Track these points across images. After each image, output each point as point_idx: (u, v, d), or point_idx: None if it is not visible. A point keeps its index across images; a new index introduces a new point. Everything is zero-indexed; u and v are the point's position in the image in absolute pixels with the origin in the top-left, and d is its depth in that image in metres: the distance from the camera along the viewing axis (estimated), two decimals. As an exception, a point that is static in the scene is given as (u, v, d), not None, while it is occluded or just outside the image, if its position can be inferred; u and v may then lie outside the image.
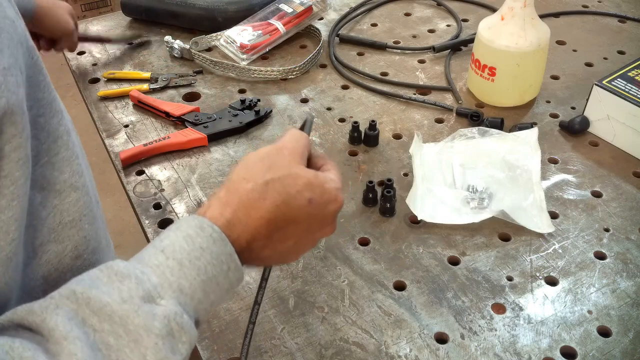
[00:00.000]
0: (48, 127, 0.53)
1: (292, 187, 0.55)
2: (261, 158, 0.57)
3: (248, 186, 0.54)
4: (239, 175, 0.56)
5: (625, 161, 0.95)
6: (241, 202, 0.54)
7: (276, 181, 0.55)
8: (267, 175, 0.55)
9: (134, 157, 0.95)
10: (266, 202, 0.54)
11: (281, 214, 0.54)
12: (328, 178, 0.58)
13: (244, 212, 0.54)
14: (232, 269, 0.52)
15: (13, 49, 0.46)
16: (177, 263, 0.50)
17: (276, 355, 0.69)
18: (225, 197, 0.55)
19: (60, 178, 0.55)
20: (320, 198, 0.56)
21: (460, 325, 0.72)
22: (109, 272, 0.48)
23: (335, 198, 0.57)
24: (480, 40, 1.03)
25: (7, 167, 0.45)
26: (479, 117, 1.01)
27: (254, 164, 0.56)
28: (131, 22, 1.28)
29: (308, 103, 1.07)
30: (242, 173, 0.56)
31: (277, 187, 0.54)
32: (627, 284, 0.77)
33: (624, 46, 1.21)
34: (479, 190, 0.87)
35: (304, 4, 1.21)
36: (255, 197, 0.54)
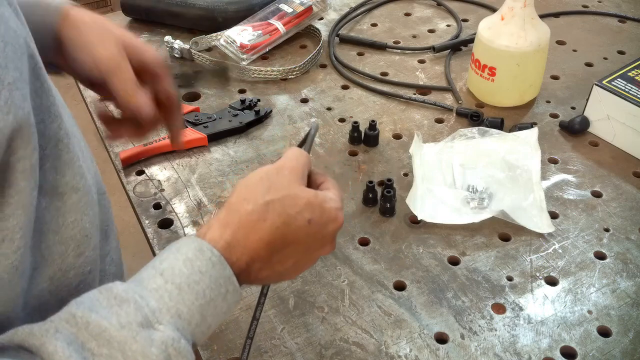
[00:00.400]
0: (49, 133, 0.53)
1: (292, 208, 0.55)
2: (261, 178, 0.57)
3: (248, 207, 0.54)
4: (239, 196, 0.56)
5: (625, 161, 0.95)
6: (241, 223, 0.54)
7: (276, 202, 0.55)
8: (267, 196, 0.55)
9: (134, 157, 0.95)
10: (266, 224, 0.54)
11: (281, 236, 0.54)
12: (328, 197, 0.58)
13: (243, 233, 0.54)
14: (231, 292, 0.53)
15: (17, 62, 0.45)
16: (176, 287, 0.50)
17: (276, 355, 0.69)
18: (225, 218, 0.55)
19: (62, 181, 0.55)
20: (319, 218, 0.56)
21: (460, 325, 0.72)
22: (108, 295, 0.49)
23: (335, 218, 0.57)
24: (480, 40, 1.03)
25: (12, 177, 0.46)
26: (479, 117, 1.01)
27: (254, 185, 0.56)
28: (131, 22, 1.28)
29: (308, 103, 1.07)
30: (243, 193, 0.56)
31: (277, 208, 0.55)
32: (627, 284, 0.77)
33: (624, 46, 1.21)
34: (479, 190, 0.87)
35: (304, 4, 1.21)
36: (255, 219, 0.54)
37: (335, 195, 0.59)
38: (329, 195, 0.58)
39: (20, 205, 0.47)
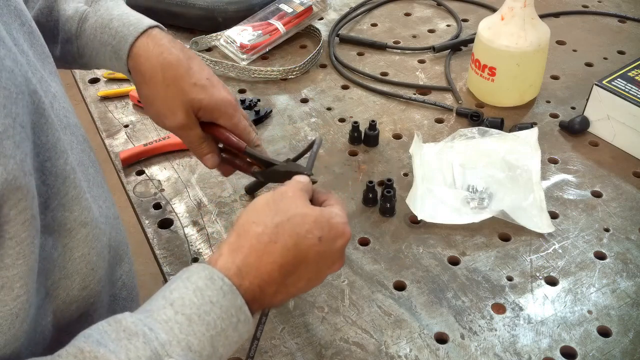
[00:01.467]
0: (55, 170, 0.52)
1: (301, 227, 0.55)
2: (267, 202, 0.57)
3: (258, 230, 0.54)
4: (247, 220, 0.55)
5: (625, 161, 0.95)
6: (252, 247, 0.54)
7: (285, 223, 0.55)
8: (275, 218, 0.55)
9: (134, 157, 0.95)
10: (277, 246, 0.54)
11: (293, 257, 0.54)
12: (334, 213, 0.58)
13: (255, 257, 0.53)
14: (242, 321, 0.52)
15: (11, 106, 0.44)
16: (186, 319, 0.49)
17: (276, 355, 0.69)
18: (235, 243, 0.54)
19: (70, 217, 0.54)
20: (328, 234, 0.56)
21: (460, 325, 0.72)
22: (117, 327, 0.48)
23: (342, 233, 0.58)
24: (480, 40, 1.03)
25: (13, 229, 0.45)
26: (479, 117, 1.01)
27: (261, 208, 0.56)
28: (131, 22, 1.28)
29: (308, 103, 1.07)
30: (251, 217, 0.55)
31: (286, 229, 0.54)
32: (627, 284, 0.77)
33: (624, 46, 1.21)
34: (479, 190, 0.87)
35: (304, 4, 1.21)
36: (266, 241, 0.54)
37: (341, 211, 0.59)
38: (335, 211, 0.58)
39: (22, 255, 0.46)
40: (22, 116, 0.46)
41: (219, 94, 0.69)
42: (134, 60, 0.67)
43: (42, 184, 0.51)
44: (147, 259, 1.00)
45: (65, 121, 0.58)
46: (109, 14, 0.68)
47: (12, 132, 0.44)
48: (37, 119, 0.50)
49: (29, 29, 0.57)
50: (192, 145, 0.71)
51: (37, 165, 0.50)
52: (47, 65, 0.60)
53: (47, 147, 0.51)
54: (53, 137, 0.52)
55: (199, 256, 0.81)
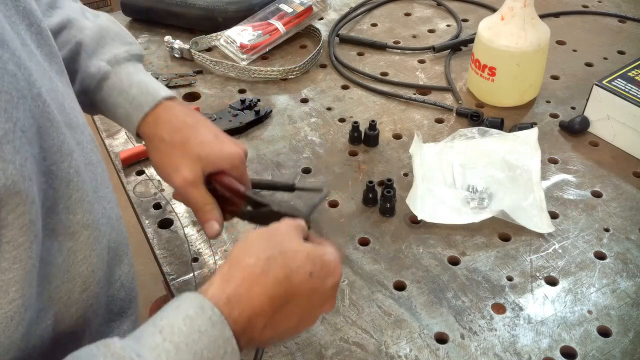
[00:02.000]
0: (60, 174, 0.52)
1: (293, 262, 0.55)
2: (260, 235, 0.57)
3: (250, 261, 0.54)
4: (240, 252, 0.56)
5: (625, 161, 0.95)
6: (243, 277, 0.53)
7: (277, 256, 0.55)
8: (267, 251, 0.55)
9: (134, 157, 0.95)
10: (268, 278, 0.53)
11: (284, 290, 0.54)
12: (327, 250, 0.58)
13: (246, 287, 0.53)
14: (229, 353, 0.51)
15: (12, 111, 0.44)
16: (174, 346, 0.49)
17: (276, 355, 0.69)
18: (227, 274, 0.54)
19: (73, 220, 0.54)
20: (320, 271, 0.56)
21: (460, 325, 0.72)
22: (105, 351, 0.47)
23: (334, 270, 0.57)
24: (480, 40, 1.03)
25: (10, 234, 0.45)
26: (479, 117, 1.01)
27: (254, 241, 0.57)
28: (131, 22, 1.28)
29: (308, 103, 1.07)
30: (244, 249, 0.56)
31: (278, 261, 0.54)
32: (627, 284, 0.77)
33: (624, 46, 1.21)
34: (479, 190, 0.87)
35: (304, 4, 1.21)
36: (257, 272, 0.54)
37: (333, 250, 0.59)
38: (328, 249, 0.58)
39: (18, 260, 0.46)
40: (24, 120, 0.46)
41: (228, 147, 0.70)
42: (144, 126, 0.71)
43: (49, 187, 0.51)
44: (147, 259, 1.00)
45: (75, 121, 0.58)
46: (129, 79, 0.72)
47: (12, 136, 0.44)
48: (43, 122, 0.50)
49: (38, 29, 0.57)
50: (198, 206, 0.69)
51: (44, 169, 0.50)
52: (54, 65, 0.60)
53: (53, 151, 0.51)
54: (58, 140, 0.52)
55: (198, 256, 0.81)
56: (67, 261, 0.54)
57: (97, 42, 0.74)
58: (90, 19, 0.76)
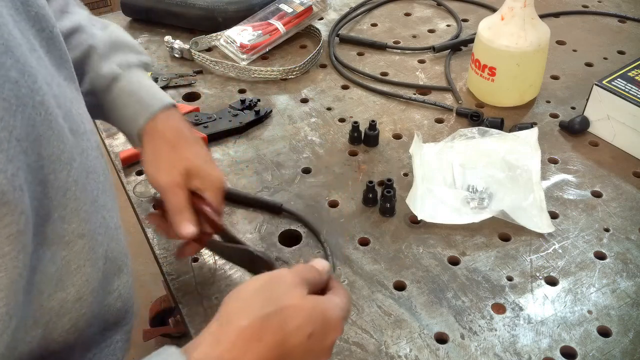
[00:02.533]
0: (57, 183, 0.52)
1: (292, 322, 0.51)
2: (261, 287, 0.53)
3: (243, 323, 0.50)
4: (234, 308, 0.52)
5: (625, 161, 0.95)
6: (235, 342, 0.50)
7: (273, 316, 0.51)
8: (264, 309, 0.51)
9: (134, 157, 0.95)
10: (261, 344, 0.50)
11: (275, 356, 0.51)
12: (332, 305, 0.54)
13: (235, 354, 0.50)
14: None
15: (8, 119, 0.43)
16: None
17: (276, 355, 0.69)
18: (217, 333, 0.51)
19: (68, 229, 0.54)
20: (320, 330, 0.53)
21: (460, 325, 0.72)
22: None
23: (335, 327, 0.54)
24: (480, 40, 1.03)
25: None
26: (479, 117, 1.01)
27: (251, 295, 0.53)
28: (131, 22, 1.29)
29: (308, 103, 1.07)
30: (238, 305, 0.52)
31: (274, 324, 0.51)
32: (627, 284, 0.77)
33: (624, 46, 1.21)
34: (479, 190, 0.87)
35: (304, 4, 1.21)
36: (248, 338, 0.50)
37: (342, 302, 0.56)
38: (334, 302, 0.55)
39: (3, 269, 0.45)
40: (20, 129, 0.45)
41: (216, 170, 0.74)
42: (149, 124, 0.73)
43: (44, 197, 0.50)
44: (147, 259, 1.00)
45: (81, 128, 0.58)
46: (139, 83, 0.76)
47: (7, 145, 0.43)
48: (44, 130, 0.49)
49: (50, 34, 0.57)
50: (178, 208, 0.70)
51: (41, 177, 0.49)
52: (64, 71, 0.60)
53: (52, 159, 0.51)
54: (58, 148, 0.51)
55: (199, 256, 0.81)
56: (60, 270, 0.53)
57: (110, 47, 0.77)
58: (99, 27, 0.80)
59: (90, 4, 2.77)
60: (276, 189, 0.90)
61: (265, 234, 0.84)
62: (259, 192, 0.90)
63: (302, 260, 0.80)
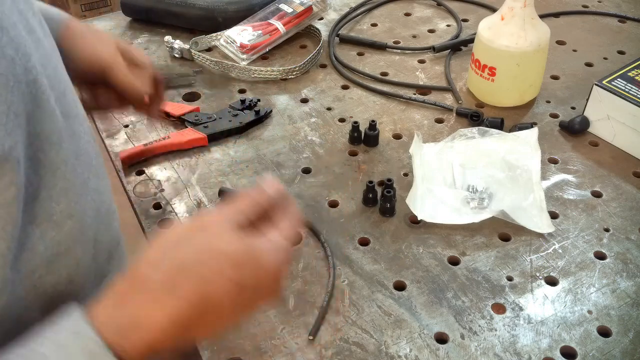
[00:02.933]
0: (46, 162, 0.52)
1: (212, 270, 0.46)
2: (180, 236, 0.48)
3: (155, 277, 0.46)
4: (148, 259, 0.47)
5: (625, 161, 0.95)
6: (143, 301, 0.45)
7: (190, 266, 0.46)
8: (180, 258, 0.46)
9: (134, 157, 0.95)
10: (175, 298, 0.45)
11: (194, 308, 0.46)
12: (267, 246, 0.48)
13: (145, 313, 0.45)
14: None
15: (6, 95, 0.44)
16: None
17: (276, 355, 0.69)
18: (123, 291, 0.46)
19: (57, 209, 0.54)
20: (251, 275, 0.47)
21: (460, 325, 0.72)
22: None
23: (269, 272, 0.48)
24: (480, 40, 1.03)
25: None
26: (479, 117, 1.01)
27: (168, 246, 0.48)
28: (131, 22, 1.28)
29: (308, 103, 1.07)
30: (153, 256, 0.48)
31: (191, 274, 0.45)
32: (627, 284, 0.77)
33: (624, 46, 1.21)
34: (479, 190, 0.87)
35: (304, 4, 1.21)
36: (160, 293, 0.45)
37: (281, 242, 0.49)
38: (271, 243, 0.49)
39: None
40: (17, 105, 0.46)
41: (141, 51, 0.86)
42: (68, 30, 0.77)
43: (34, 173, 0.51)
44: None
45: (74, 111, 0.59)
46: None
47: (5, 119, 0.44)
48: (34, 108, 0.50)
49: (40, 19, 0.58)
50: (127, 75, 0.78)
51: (30, 154, 0.50)
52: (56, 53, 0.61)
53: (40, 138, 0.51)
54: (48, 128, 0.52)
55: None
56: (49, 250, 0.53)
57: None
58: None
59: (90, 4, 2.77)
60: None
61: (265, 234, 0.83)
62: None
63: (302, 261, 0.80)
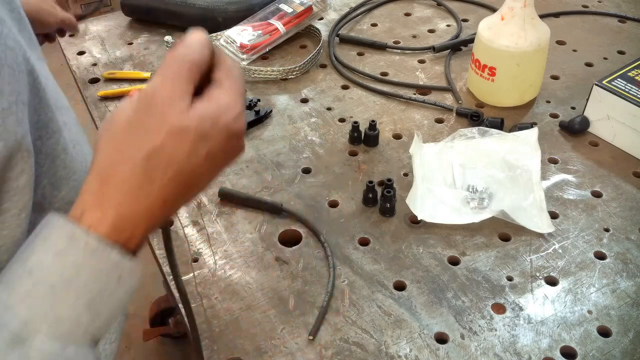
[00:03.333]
0: (45, 149, 0.52)
1: (180, 151, 0.44)
2: (129, 123, 0.45)
3: (126, 170, 0.44)
4: (108, 156, 0.45)
5: (625, 161, 0.95)
6: (123, 194, 0.44)
7: (157, 154, 0.44)
8: (143, 147, 0.44)
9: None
10: (155, 186, 0.44)
11: (176, 189, 0.45)
12: (222, 106, 0.45)
13: (130, 206, 0.44)
14: (126, 273, 0.44)
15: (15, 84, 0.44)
16: (49, 288, 0.42)
17: (276, 355, 0.69)
18: (101, 191, 0.44)
19: (58, 196, 0.54)
20: (218, 140, 0.46)
21: (460, 325, 0.72)
22: None
23: (237, 134, 0.47)
24: (480, 40, 1.03)
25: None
26: (479, 117, 1.01)
27: (124, 134, 0.45)
28: (131, 22, 1.28)
29: (308, 103, 1.07)
30: (112, 152, 0.45)
31: (161, 160, 0.44)
32: (627, 284, 0.77)
33: (624, 46, 1.21)
34: (479, 190, 0.87)
35: (304, 4, 1.21)
36: (138, 184, 0.44)
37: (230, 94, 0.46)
38: (222, 101, 0.46)
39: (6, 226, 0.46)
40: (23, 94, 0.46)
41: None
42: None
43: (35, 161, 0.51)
44: (147, 259, 1.00)
45: (61, 102, 0.59)
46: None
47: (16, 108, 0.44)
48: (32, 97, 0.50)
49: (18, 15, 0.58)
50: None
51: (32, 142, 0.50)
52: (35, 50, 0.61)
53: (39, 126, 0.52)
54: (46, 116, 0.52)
55: (198, 256, 0.81)
56: None
57: None
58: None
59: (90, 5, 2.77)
60: (276, 189, 0.90)
61: (265, 234, 0.83)
62: (259, 192, 0.90)
63: (302, 261, 0.80)
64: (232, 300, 0.75)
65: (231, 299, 0.75)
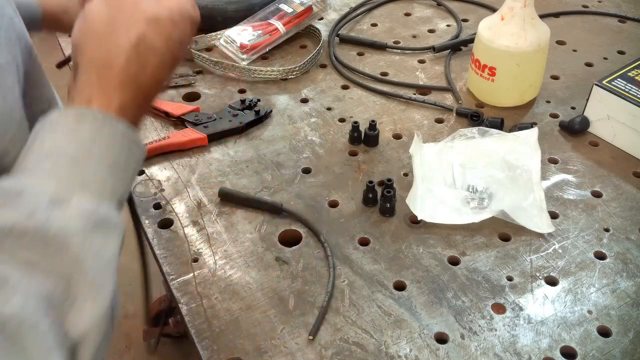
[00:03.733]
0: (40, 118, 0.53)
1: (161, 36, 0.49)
2: (108, 20, 0.48)
3: (121, 60, 0.47)
4: (96, 51, 0.48)
5: (625, 161, 0.95)
6: (124, 81, 0.48)
7: (144, 39, 0.49)
8: (129, 37, 0.48)
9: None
10: (147, 70, 0.49)
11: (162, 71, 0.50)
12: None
13: (132, 91, 0.48)
14: (135, 145, 0.48)
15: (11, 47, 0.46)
16: (71, 161, 0.44)
17: (276, 355, 0.69)
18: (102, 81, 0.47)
19: None
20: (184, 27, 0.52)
21: (460, 325, 0.72)
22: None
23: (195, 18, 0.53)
24: (480, 40, 1.03)
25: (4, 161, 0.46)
26: (479, 117, 1.01)
27: (105, 32, 0.48)
28: (131, 22, 1.29)
29: (308, 103, 1.07)
30: (99, 47, 0.48)
31: (148, 45, 0.49)
32: (627, 284, 0.77)
33: (624, 46, 1.21)
34: (479, 190, 0.87)
35: (304, 4, 1.21)
36: (135, 70, 0.48)
37: None
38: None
39: None
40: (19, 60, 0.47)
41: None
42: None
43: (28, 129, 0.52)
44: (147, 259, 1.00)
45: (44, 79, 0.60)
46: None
47: (11, 68, 0.45)
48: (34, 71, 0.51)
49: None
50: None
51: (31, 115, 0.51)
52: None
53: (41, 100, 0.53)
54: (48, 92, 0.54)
55: (198, 256, 0.81)
56: None
57: None
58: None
59: (90, 4, 2.77)
60: (276, 189, 0.90)
61: (265, 234, 0.83)
62: (259, 192, 0.90)
63: (302, 261, 0.80)
64: (232, 300, 0.75)
65: (231, 299, 0.75)
